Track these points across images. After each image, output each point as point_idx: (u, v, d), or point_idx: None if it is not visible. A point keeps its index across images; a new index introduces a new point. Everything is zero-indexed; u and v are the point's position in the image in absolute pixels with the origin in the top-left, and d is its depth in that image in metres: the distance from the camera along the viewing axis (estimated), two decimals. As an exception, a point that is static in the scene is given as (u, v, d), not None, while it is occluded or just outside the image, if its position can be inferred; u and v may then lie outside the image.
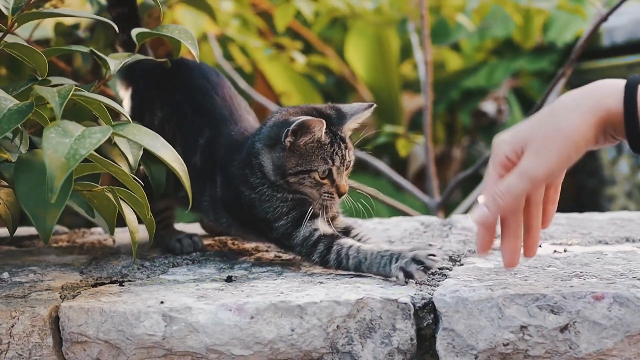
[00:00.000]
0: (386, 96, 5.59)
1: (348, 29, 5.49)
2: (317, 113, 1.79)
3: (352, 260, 1.71)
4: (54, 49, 1.88)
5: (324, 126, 1.73)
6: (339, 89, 6.11)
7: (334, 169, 1.77)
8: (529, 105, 4.97)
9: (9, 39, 1.68)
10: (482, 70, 5.25)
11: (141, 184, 1.65)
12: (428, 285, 1.62)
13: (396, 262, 1.66)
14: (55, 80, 1.82)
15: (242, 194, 1.83)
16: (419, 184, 4.56)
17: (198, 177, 1.88)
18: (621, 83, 1.45)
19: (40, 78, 1.73)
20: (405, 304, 1.54)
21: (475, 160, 3.86)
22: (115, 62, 1.85)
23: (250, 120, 1.98)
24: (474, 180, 3.80)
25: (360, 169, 4.43)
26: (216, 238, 2.13)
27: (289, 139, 1.74)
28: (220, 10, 3.93)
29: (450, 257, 1.83)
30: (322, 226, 1.79)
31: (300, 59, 3.87)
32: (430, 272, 1.65)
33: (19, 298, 1.65)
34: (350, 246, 1.73)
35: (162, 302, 1.58)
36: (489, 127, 5.43)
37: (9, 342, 1.59)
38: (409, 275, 1.63)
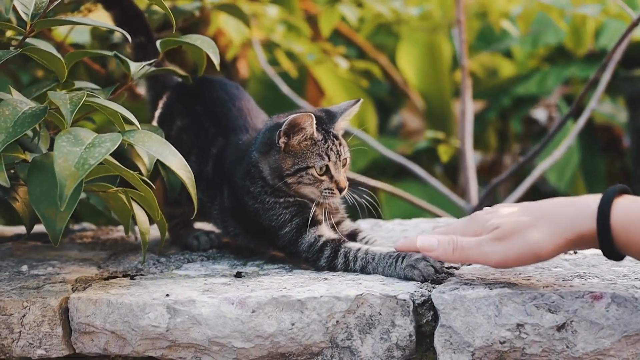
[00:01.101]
0: (438, 103, 5.60)
1: (400, 36, 5.51)
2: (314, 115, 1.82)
3: (359, 262, 1.73)
4: (77, 52, 1.93)
5: (314, 120, 1.76)
6: (392, 95, 6.13)
7: (331, 165, 1.80)
8: (579, 112, 4.93)
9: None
10: (534, 77, 5.23)
11: (152, 187, 1.69)
12: (430, 283, 1.64)
13: (402, 262, 1.67)
14: (79, 84, 1.88)
15: (246, 204, 1.87)
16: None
17: (209, 187, 1.95)
18: (594, 204, 1.48)
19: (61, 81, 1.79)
20: (405, 300, 1.56)
21: (526, 167, 3.84)
22: (136, 65, 1.90)
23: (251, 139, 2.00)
24: (515, 183, 3.78)
25: (407, 175, 4.44)
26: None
27: (282, 140, 1.78)
28: (265, 15, 3.98)
29: (460, 257, 1.84)
30: (327, 232, 1.82)
31: (343, 64, 3.89)
32: (440, 273, 1.67)
33: (32, 289, 1.71)
34: (359, 249, 1.75)
35: (167, 295, 1.62)
36: (540, 134, 5.40)
37: (20, 331, 1.64)
38: (419, 273, 1.65)
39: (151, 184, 1.70)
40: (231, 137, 1.95)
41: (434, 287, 1.60)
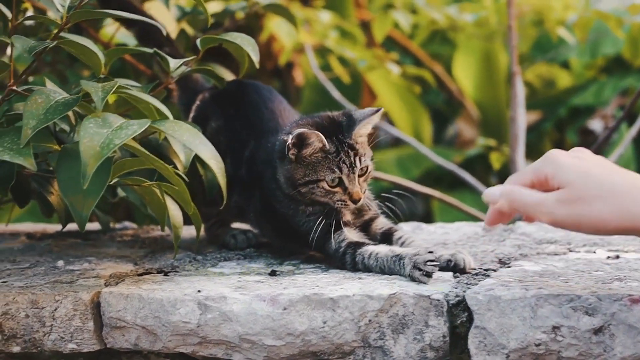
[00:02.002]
0: (493, 113, 5.55)
1: (456, 45, 5.47)
2: (329, 122, 1.80)
3: (375, 264, 1.71)
4: (117, 49, 1.93)
5: (321, 136, 1.73)
6: (448, 105, 6.10)
7: (344, 177, 1.76)
8: (632, 120, 4.85)
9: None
10: (591, 88, 5.16)
11: (185, 180, 1.68)
12: (466, 284, 1.60)
13: (407, 263, 1.65)
14: (119, 81, 1.87)
15: (275, 208, 1.86)
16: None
17: (244, 189, 1.93)
18: None
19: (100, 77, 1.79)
20: (438, 300, 1.53)
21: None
22: (175, 61, 1.89)
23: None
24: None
25: (462, 185, 4.40)
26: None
27: (292, 152, 1.76)
28: (318, 21, 3.97)
29: (500, 259, 1.80)
30: (350, 235, 1.79)
31: (395, 70, 3.86)
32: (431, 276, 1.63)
33: (65, 284, 1.70)
34: (370, 254, 1.72)
35: (199, 291, 1.60)
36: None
37: (52, 324, 1.63)
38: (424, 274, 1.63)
39: (184, 177, 1.69)
40: (262, 139, 1.93)
41: (468, 287, 1.57)
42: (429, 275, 1.61)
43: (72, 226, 1.95)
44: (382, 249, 1.72)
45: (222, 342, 1.58)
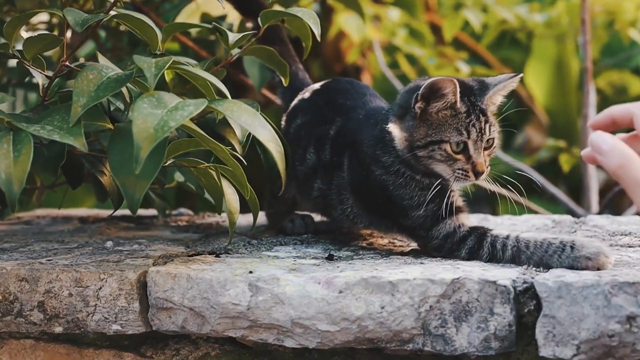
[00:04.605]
0: (563, 121, 5.43)
1: (528, 51, 5.35)
2: (460, 83, 1.62)
3: (509, 251, 1.57)
4: (175, 24, 1.85)
5: (457, 87, 1.58)
6: (518, 111, 5.97)
7: (470, 143, 1.61)
8: None
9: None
10: (664, 95, 5.02)
11: (243, 163, 1.60)
12: (535, 270, 1.50)
13: (571, 252, 1.51)
14: (176, 58, 1.80)
15: (373, 174, 1.70)
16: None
17: (326, 172, 1.80)
18: None
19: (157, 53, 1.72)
20: (505, 287, 1.43)
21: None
22: (234, 35, 1.81)
23: (384, 106, 1.85)
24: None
25: (530, 190, 4.28)
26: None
27: (419, 104, 1.61)
28: (387, 18, 3.89)
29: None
30: (467, 220, 1.66)
31: (464, 69, 3.76)
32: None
33: (112, 262, 1.63)
34: (507, 236, 1.59)
35: (250, 272, 1.52)
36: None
37: (96, 304, 1.57)
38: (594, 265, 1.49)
39: (242, 159, 1.61)
40: (351, 114, 1.81)
41: (537, 274, 1.46)
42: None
43: (126, 211, 1.90)
44: (526, 234, 1.58)
45: (274, 326, 1.49)
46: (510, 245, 1.57)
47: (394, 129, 1.67)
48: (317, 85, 1.95)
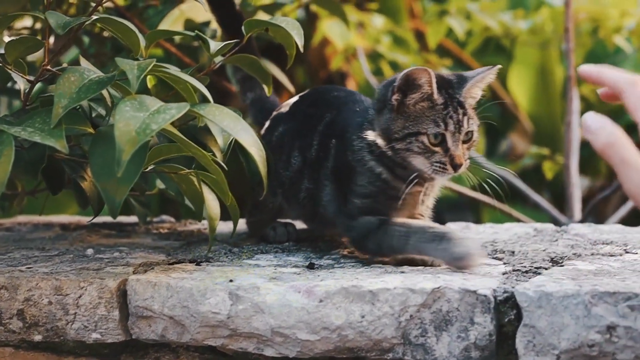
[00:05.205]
0: (548, 128, 5.43)
1: (512, 57, 5.36)
2: (438, 77, 1.64)
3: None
4: (157, 31, 1.84)
5: (433, 77, 1.59)
6: (502, 119, 5.98)
7: (448, 135, 1.62)
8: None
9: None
10: (649, 102, 5.01)
11: (224, 168, 1.60)
12: (515, 280, 1.50)
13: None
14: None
15: (347, 160, 1.72)
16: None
17: (313, 169, 1.80)
18: None
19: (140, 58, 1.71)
20: (485, 296, 1.42)
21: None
22: (216, 44, 1.81)
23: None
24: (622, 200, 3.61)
25: (513, 197, 4.29)
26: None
27: (395, 97, 1.62)
28: (371, 25, 3.90)
29: (552, 258, 1.69)
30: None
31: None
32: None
33: (92, 270, 1.63)
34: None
35: (231, 281, 1.51)
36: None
37: (76, 312, 1.56)
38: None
39: (223, 165, 1.61)
40: (342, 108, 1.82)
41: (518, 283, 1.46)
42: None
43: (108, 218, 1.89)
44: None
45: (254, 335, 1.49)
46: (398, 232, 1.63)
47: (374, 123, 1.68)
48: (295, 98, 1.96)
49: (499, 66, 1.68)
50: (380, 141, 1.66)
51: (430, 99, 1.62)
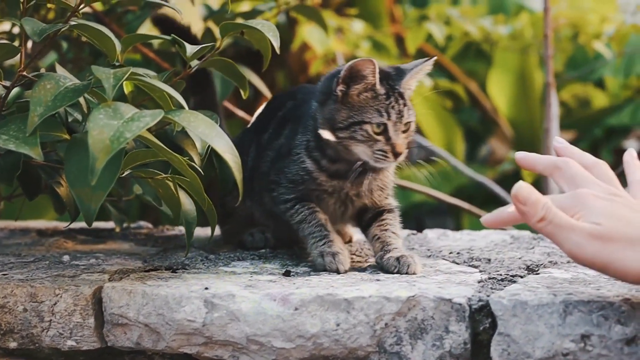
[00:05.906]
0: (528, 133, 5.45)
1: (492, 63, 5.38)
2: (379, 71, 1.67)
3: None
4: (133, 35, 1.83)
5: (376, 67, 1.63)
6: (482, 124, 6.00)
7: (390, 125, 1.66)
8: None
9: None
10: (627, 108, 5.06)
11: (201, 173, 1.60)
12: (490, 288, 1.51)
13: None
14: (135, 70, 1.79)
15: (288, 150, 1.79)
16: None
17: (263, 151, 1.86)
18: None
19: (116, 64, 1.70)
20: (460, 304, 1.43)
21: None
22: (192, 47, 1.80)
23: None
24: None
25: (494, 203, 4.29)
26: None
27: (340, 87, 1.66)
28: (350, 30, 3.90)
29: (528, 266, 1.70)
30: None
31: (427, 82, 3.77)
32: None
33: (68, 277, 1.62)
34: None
35: (206, 289, 1.51)
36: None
37: (51, 320, 1.55)
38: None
39: (199, 169, 1.61)
40: (307, 97, 1.85)
41: (493, 292, 1.47)
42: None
43: (84, 224, 1.88)
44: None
45: (229, 343, 1.48)
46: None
47: (318, 115, 1.72)
48: (257, 112, 2.00)
49: (435, 57, 1.73)
50: (323, 131, 1.70)
51: (373, 89, 1.66)
